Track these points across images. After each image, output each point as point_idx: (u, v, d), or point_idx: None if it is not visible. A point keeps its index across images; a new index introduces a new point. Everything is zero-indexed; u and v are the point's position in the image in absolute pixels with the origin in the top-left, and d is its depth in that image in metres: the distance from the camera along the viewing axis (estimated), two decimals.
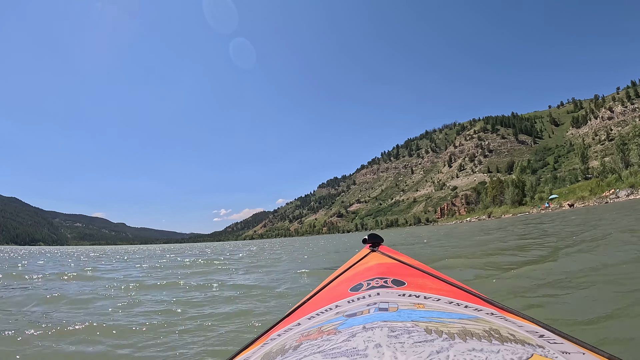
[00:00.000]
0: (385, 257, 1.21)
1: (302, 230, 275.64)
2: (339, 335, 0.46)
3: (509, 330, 0.47)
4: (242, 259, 11.97)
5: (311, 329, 0.54)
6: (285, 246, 23.61)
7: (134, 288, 5.30)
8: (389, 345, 0.40)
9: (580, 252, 5.01)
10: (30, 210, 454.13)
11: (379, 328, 0.45)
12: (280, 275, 6.31)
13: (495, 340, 0.42)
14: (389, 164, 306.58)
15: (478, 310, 0.58)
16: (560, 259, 4.71)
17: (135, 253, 24.46)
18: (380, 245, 1.49)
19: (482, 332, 0.44)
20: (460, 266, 4.89)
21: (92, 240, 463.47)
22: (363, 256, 1.32)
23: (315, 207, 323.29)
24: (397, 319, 0.49)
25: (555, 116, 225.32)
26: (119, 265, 11.04)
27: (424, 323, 0.47)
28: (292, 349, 0.47)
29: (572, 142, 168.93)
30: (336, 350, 0.41)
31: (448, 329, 0.44)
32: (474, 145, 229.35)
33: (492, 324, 0.49)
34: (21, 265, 11.52)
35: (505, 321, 0.53)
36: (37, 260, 15.59)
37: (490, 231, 15.37)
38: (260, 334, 0.73)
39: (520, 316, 0.62)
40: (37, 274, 7.58)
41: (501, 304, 0.68)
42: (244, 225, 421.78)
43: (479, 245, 8.88)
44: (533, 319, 0.60)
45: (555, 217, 22.04)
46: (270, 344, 0.58)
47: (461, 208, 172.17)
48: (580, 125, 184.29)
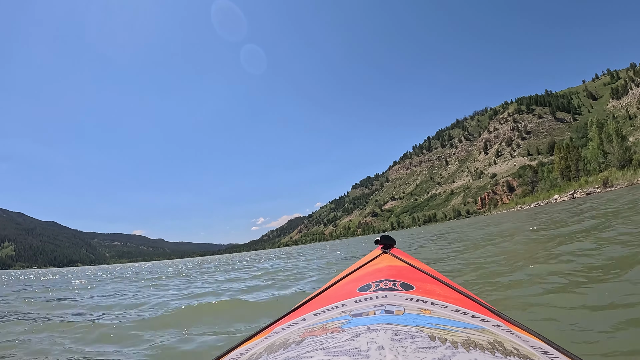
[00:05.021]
0: (396, 259, 1.21)
1: (337, 233, 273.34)
2: (343, 334, 0.46)
3: (514, 344, 0.47)
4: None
5: (316, 326, 0.55)
6: (293, 255, 20.42)
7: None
8: (392, 349, 0.40)
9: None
10: (68, 233, 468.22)
11: (383, 330, 0.45)
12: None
13: (498, 353, 0.41)
14: (421, 157, 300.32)
15: (484, 321, 0.58)
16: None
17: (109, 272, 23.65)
18: (392, 247, 1.48)
19: (486, 343, 0.44)
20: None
21: (130, 257, 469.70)
22: (374, 257, 1.32)
23: (349, 209, 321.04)
24: (402, 323, 0.49)
25: (592, 90, 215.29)
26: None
27: (428, 329, 0.46)
28: (295, 343, 0.47)
29: (615, 115, 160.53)
30: (339, 349, 0.41)
31: (452, 337, 0.44)
32: (510, 128, 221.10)
33: (497, 336, 0.49)
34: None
35: (510, 334, 0.52)
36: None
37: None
38: (265, 326, 0.73)
39: (527, 331, 0.60)
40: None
41: (508, 317, 0.66)
42: (279, 232, 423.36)
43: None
44: (539, 334, 0.59)
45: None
46: (273, 337, 0.58)
47: (503, 196, 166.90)
48: (621, 96, 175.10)
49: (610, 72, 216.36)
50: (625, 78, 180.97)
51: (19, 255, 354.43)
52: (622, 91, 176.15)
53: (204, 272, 12.52)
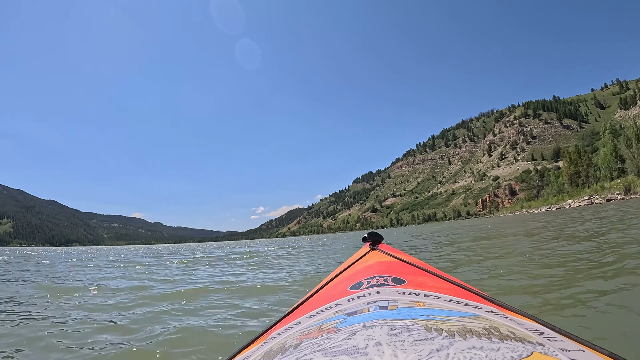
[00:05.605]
0: (385, 255, 1.21)
1: (335, 226, 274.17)
2: (339, 334, 0.46)
3: (509, 328, 0.47)
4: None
5: (311, 328, 0.55)
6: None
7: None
8: (389, 344, 0.40)
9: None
10: (67, 212, 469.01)
11: (379, 326, 0.46)
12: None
13: (495, 338, 0.42)
14: (424, 156, 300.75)
15: (478, 308, 0.58)
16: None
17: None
18: (380, 243, 1.48)
19: (482, 330, 0.44)
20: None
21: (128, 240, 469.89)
22: (363, 254, 1.31)
23: (349, 203, 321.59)
24: (397, 317, 0.49)
25: (600, 99, 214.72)
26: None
27: (424, 321, 0.47)
28: (293, 347, 0.47)
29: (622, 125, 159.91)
30: (336, 349, 0.41)
31: (448, 327, 0.44)
32: (515, 132, 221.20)
33: (492, 322, 0.49)
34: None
35: (505, 319, 0.53)
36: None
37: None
38: (261, 333, 0.73)
39: (521, 314, 0.61)
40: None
41: (501, 302, 0.67)
42: (278, 222, 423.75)
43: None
44: (533, 316, 0.60)
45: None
46: (270, 343, 0.58)
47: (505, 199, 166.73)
48: (630, 107, 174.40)
49: (620, 82, 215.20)
50: (634, 89, 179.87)
51: (17, 232, 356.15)
52: (631, 102, 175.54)
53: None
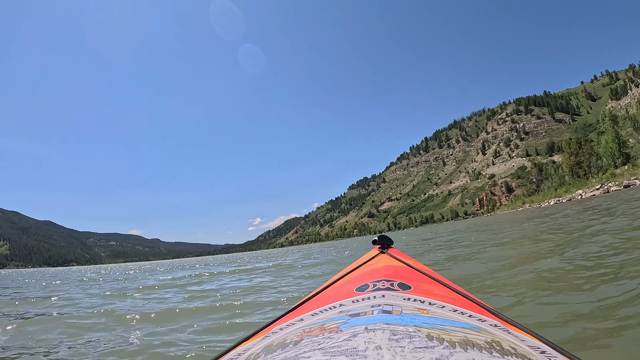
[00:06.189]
0: (394, 259, 1.21)
1: (333, 234, 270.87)
2: (341, 334, 0.46)
3: (511, 343, 0.47)
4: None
5: (313, 326, 0.54)
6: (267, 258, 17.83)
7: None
8: (389, 348, 0.39)
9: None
10: (64, 232, 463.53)
11: (380, 330, 0.45)
12: None
13: (496, 353, 0.41)
14: (418, 158, 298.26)
15: (482, 320, 0.58)
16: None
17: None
18: (389, 247, 1.48)
19: (483, 343, 0.44)
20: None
21: (126, 257, 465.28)
22: (372, 257, 1.32)
23: (345, 209, 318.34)
24: (399, 323, 0.49)
25: (591, 90, 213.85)
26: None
27: (426, 329, 0.46)
28: (293, 343, 0.47)
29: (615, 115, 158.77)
30: (336, 349, 0.41)
31: (450, 337, 0.44)
32: (508, 128, 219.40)
33: (494, 335, 0.48)
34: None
35: (508, 334, 0.52)
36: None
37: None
38: (262, 327, 0.73)
39: (524, 330, 0.60)
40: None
41: (506, 317, 0.66)
42: (276, 232, 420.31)
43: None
44: (536, 334, 0.59)
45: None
46: (271, 337, 0.58)
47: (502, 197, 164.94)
48: (621, 97, 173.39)
49: (609, 73, 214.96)
50: (624, 79, 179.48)
51: (14, 254, 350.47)
52: (622, 92, 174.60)
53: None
